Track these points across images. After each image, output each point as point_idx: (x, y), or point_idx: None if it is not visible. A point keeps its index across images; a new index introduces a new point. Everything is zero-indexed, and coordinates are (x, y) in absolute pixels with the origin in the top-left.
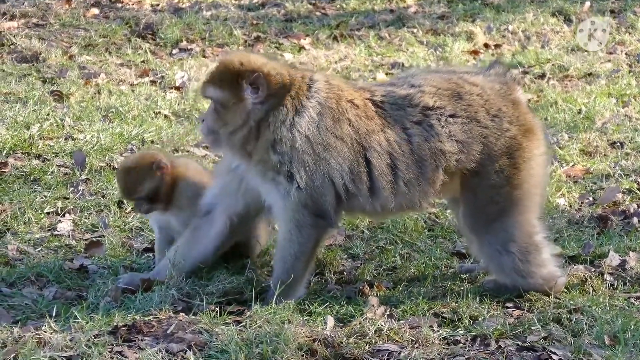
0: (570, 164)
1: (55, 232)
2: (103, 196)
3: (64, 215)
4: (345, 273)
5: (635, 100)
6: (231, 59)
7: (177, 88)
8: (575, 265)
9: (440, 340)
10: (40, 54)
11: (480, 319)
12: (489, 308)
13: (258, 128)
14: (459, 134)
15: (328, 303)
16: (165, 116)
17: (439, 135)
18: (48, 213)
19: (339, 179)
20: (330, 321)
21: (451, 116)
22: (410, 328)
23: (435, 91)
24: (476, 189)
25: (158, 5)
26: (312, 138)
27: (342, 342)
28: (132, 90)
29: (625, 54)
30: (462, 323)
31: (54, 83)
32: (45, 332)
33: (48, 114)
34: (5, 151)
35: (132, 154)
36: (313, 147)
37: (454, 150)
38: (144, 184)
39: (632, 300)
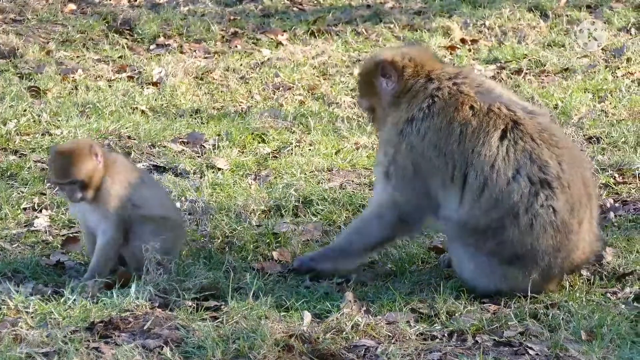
0: None
1: (32, 228)
2: None
3: (40, 211)
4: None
5: (611, 95)
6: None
7: (155, 84)
8: None
9: (417, 335)
10: (18, 49)
11: (457, 315)
12: (465, 303)
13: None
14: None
15: (305, 299)
16: (143, 112)
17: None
18: (25, 209)
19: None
20: (307, 317)
21: (554, 210)
22: (387, 323)
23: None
24: None
25: (135, 0)
26: None
27: (319, 338)
28: (110, 86)
29: (602, 49)
30: (439, 318)
31: (31, 79)
32: (21, 328)
33: (25, 110)
34: None
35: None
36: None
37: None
38: (81, 166)
39: (608, 295)
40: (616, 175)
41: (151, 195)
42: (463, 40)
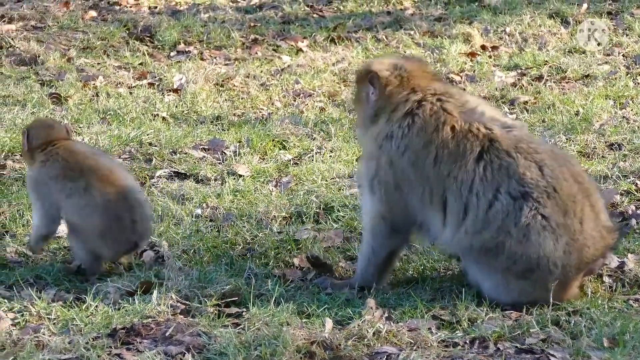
0: None
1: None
2: None
3: (62, 217)
4: (343, 275)
5: (632, 102)
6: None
7: (175, 90)
8: None
9: (438, 342)
10: (39, 56)
11: (478, 322)
12: (487, 310)
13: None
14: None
15: (326, 305)
16: (163, 118)
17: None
18: None
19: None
20: (329, 323)
21: (543, 217)
22: (408, 330)
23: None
24: None
25: (156, 7)
26: None
27: (340, 345)
28: (130, 93)
29: (623, 55)
30: (460, 325)
31: (52, 86)
32: (44, 334)
33: (46, 117)
34: (3, 153)
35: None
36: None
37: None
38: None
39: (630, 302)
40: (638, 182)
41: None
42: (483, 47)
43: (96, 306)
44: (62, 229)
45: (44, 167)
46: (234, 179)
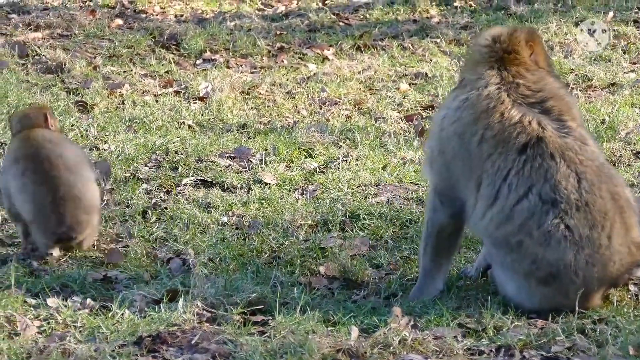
0: None
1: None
2: (127, 206)
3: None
4: (369, 283)
5: None
6: None
7: (201, 98)
8: None
9: (464, 350)
10: (65, 64)
11: (504, 330)
12: (513, 318)
13: None
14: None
15: (352, 313)
16: (189, 126)
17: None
18: None
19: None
20: (355, 331)
21: (567, 227)
22: (434, 338)
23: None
24: None
25: (182, 15)
26: None
27: (366, 353)
28: (156, 101)
29: None
30: (486, 333)
31: (79, 94)
32: (70, 342)
33: (72, 125)
34: None
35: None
36: None
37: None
38: None
39: None
40: None
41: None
42: None
43: (122, 314)
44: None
45: (8, 150)
46: (260, 187)
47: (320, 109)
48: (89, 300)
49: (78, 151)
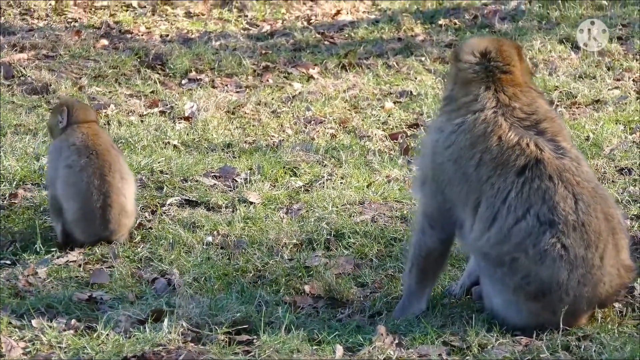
0: None
1: (65, 260)
2: None
3: (72, 249)
4: (354, 302)
5: None
6: None
7: (187, 118)
8: None
9: None
10: (50, 85)
11: (489, 347)
12: (497, 336)
13: None
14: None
15: (337, 332)
16: (175, 146)
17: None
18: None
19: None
20: (339, 350)
21: (563, 246)
22: (419, 356)
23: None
24: None
25: (167, 35)
26: None
27: None
28: (142, 121)
29: (633, 80)
30: (471, 351)
31: None
32: None
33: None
34: (15, 182)
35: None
36: None
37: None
38: (51, 120)
39: None
40: None
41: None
42: None
43: (107, 334)
44: (73, 257)
45: (66, 137)
46: (245, 206)
47: (306, 127)
48: (73, 321)
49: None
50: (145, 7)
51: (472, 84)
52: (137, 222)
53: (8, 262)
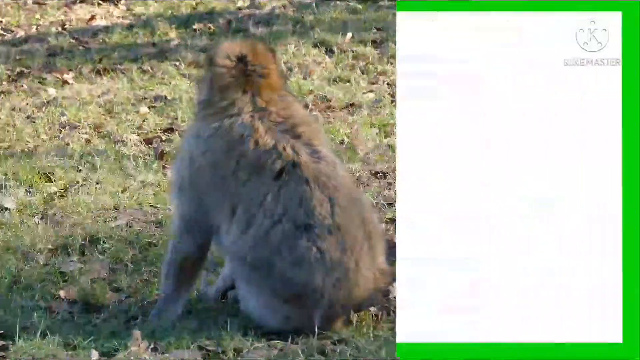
0: None
1: None
2: None
3: None
4: (110, 307)
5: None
6: None
7: None
8: None
9: None
10: None
11: (244, 351)
12: (252, 341)
13: None
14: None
15: (93, 337)
16: None
17: None
18: None
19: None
20: (95, 355)
21: (319, 250)
22: None
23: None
24: None
25: None
26: None
27: None
28: None
29: (387, 84)
30: (226, 355)
31: None
32: None
33: None
34: None
35: None
36: None
37: None
38: None
39: (396, 330)
40: None
41: None
42: None
43: None
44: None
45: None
46: (0, 212)
47: (60, 133)
48: None
49: None
50: None
51: (229, 89)
52: None
53: None
